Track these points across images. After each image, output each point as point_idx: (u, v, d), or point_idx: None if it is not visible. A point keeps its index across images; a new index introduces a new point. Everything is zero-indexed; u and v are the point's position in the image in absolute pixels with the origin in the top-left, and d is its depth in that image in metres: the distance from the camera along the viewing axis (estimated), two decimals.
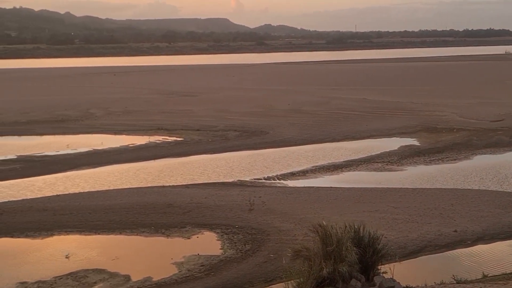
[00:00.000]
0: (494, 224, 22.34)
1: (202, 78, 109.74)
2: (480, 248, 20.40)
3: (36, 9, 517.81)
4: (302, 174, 32.71)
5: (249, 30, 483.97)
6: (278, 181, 31.29)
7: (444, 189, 28.40)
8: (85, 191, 29.09)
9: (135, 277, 18.25)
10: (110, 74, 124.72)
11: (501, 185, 29.23)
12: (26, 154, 39.30)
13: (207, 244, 21.14)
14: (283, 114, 56.50)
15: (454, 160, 35.52)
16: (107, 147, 41.19)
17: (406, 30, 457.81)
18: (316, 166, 34.54)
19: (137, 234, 22.27)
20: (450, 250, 20.09)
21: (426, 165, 34.41)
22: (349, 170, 33.43)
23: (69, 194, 28.46)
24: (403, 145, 40.38)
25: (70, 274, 18.46)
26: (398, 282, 12.67)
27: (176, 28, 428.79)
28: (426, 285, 14.91)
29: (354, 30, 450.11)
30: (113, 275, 18.38)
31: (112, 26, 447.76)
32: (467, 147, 38.82)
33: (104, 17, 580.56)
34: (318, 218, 17.90)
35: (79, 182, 31.49)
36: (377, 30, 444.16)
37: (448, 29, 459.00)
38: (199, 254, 19.93)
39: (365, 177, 31.91)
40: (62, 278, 18.18)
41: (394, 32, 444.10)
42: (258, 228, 22.33)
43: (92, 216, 24.35)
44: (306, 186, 29.76)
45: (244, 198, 26.37)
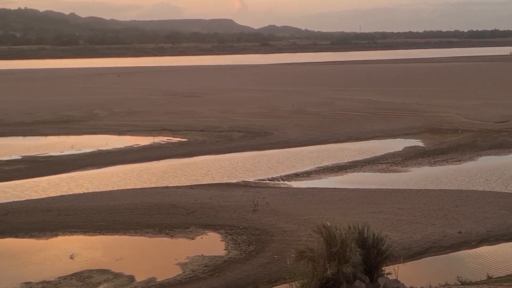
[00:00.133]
0: (499, 225, 22.31)
1: (206, 78, 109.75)
2: (484, 249, 20.38)
3: (41, 10, 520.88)
4: (306, 175, 32.70)
5: (253, 31, 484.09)
6: (282, 182, 31.29)
7: (448, 190, 28.35)
8: (89, 192, 29.17)
9: (139, 277, 18.30)
10: (115, 74, 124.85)
11: (506, 186, 29.17)
12: (30, 154, 39.41)
13: (211, 244, 21.17)
14: (287, 115, 56.47)
15: (459, 161, 35.47)
16: (111, 148, 41.28)
17: (410, 31, 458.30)
18: (320, 167, 34.52)
19: (141, 235, 22.32)
20: (454, 252, 20.08)
21: (430, 166, 34.37)
22: (353, 171, 33.42)
23: (73, 195, 28.55)
24: (408, 146, 40.32)
25: (74, 274, 18.55)
26: (403, 283, 12.63)
27: (180, 29, 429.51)
28: (430, 286, 14.88)
29: (358, 31, 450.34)
30: (117, 276, 18.44)
31: (116, 27, 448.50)
32: (472, 148, 38.76)
33: (108, 18, 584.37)
34: (322, 219, 17.95)
35: (84, 183, 31.55)
36: (381, 31, 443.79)
37: (452, 30, 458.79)
38: (203, 255, 19.96)
39: (369, 178, 31.88)
40: (66, 279, 18.25)
41: (398, 33, 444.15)
42: (262, 229, 22.35)
43: (96, 216, 24.43)
44: (310, 187, 29.77)
45: (248, 199, 26.38)
